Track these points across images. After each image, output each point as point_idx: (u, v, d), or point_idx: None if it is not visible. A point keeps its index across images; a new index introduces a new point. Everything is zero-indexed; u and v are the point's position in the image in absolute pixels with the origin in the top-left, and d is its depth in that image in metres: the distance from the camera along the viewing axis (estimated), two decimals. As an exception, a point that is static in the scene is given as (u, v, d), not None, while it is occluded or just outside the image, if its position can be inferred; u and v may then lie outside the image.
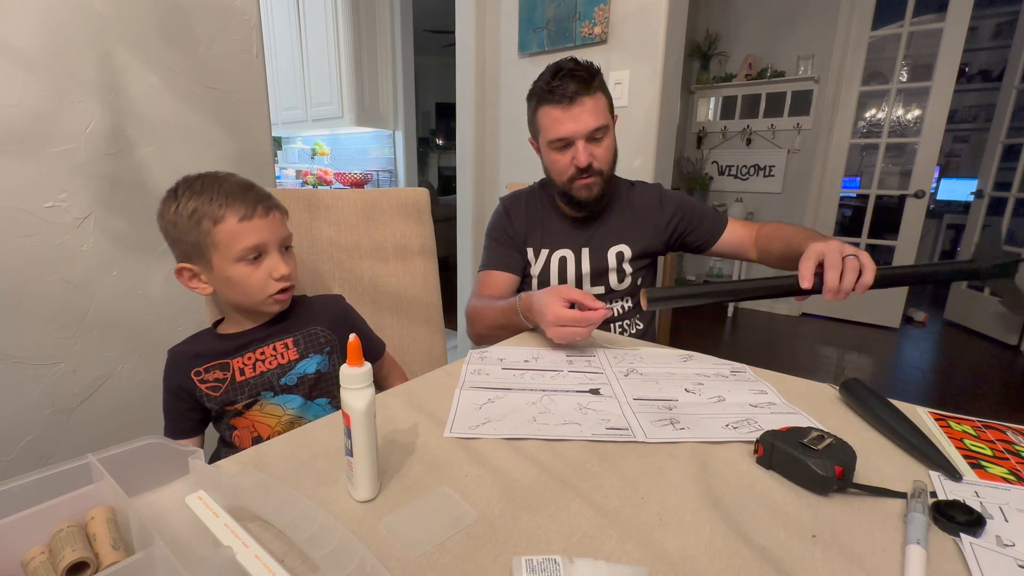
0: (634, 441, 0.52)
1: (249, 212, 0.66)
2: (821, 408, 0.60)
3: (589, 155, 0.94)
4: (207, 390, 0.68)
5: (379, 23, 2.87)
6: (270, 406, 0.70)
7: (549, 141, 0.96)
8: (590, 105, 0.92)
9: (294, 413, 0.71)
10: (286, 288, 0.70)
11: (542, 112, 0.96)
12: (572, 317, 0.73)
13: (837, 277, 0.63)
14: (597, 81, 0.94)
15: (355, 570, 0.31)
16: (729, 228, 1.04)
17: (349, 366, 0.40)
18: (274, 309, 0.71)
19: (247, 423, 0.69)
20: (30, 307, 0.98)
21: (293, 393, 0.71)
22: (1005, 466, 0.48)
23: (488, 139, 2.18)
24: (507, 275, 1.05)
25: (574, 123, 0.92)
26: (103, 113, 1.03)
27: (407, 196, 1.04)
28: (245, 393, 0.68)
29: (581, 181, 0.96)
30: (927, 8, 3.01)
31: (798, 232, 0.90)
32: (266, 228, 0.67)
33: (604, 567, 0.33)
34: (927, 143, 3.07)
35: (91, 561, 0.34)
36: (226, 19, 1.18)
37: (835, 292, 0.64)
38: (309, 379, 0.72)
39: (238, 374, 0.69)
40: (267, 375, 0.70)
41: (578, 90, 0.91)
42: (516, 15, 1.96)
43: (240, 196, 0.66)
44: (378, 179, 3.18)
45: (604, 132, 0.95)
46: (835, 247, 0.66)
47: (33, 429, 1.02)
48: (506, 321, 0.88)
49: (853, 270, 0.63)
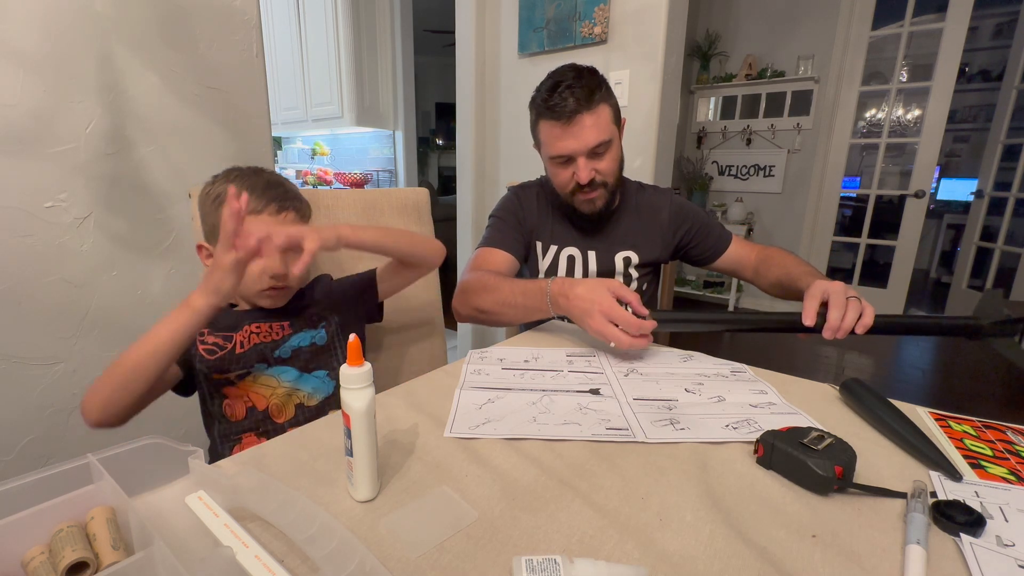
0: (634, 441, 0.52)
1: (259, 208, 0.69)
2: (821, 408, 0.60)
3: (591, 171, 0.92)
4: (203, 351, 0.69)
5: (379, 23, 2.87)
6: (264, 377, 0.71)
7: (550, 157, 0.94)
8: (590, 122, 0.88)
9: (290, 385, 0.73)
10: (277, 287, 0.72)
11: (542, 126, 0.93)
12: (624, 317, 0.68)
13: (840, 317, 0.65)
14: (599, 95, 0.89)
15: (355, 570, 0.31)
16: (731, 246, 1.05)
17: (349, 366, 0.40)
18: (264, 303, 0.73)
19: (240, 393, 0.70)
20: (30, 307, 0.98)
21: (287, 365, 0.73)
22: (1005, 466, 0.48)
23: (488, 139, 2.18)
24: (509, 256, 1.00)
25: (574, 140, 0.89)
26: (103, 113, 1.03)
27: (407, 196, 1.04)
28: (240, 364, 0.70)
29: (583, 196, 0.95)
30: (927, 8, 3.01)
31: (799, 265, 0.90)
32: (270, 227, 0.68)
33: (604, 567, 0.33)
34: (927, 143, 3.07)
35: (91, 561, 0.34)
36: (226, 19, 1.18)
37: (835, 331, 0.65)
38: (304, 352, 0.74)
39: (238, 346, 0.71)
40: (261, 347, 0.72)
41: (578, 107, 0.87)
42: (516, 15, 1.96)
43: (258, 192, 0.70)
44: (378, 179, 3.17)
45: (607, 146, 0.92)
46: (839, 288, 0.68)
47: (33, 429, 1.02)
48: (524, 301, 0.81)
49: (855, 311, 0.65)
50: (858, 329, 0.65)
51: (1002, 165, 3.18)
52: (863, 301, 0.67)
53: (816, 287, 0.69)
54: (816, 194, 3.42)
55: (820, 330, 0.67)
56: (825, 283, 0.70)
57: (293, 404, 0.72)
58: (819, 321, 0.67)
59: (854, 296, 0.67)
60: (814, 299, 0.68)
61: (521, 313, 0.82)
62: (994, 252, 3.19)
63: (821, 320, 0.67)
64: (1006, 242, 3.14)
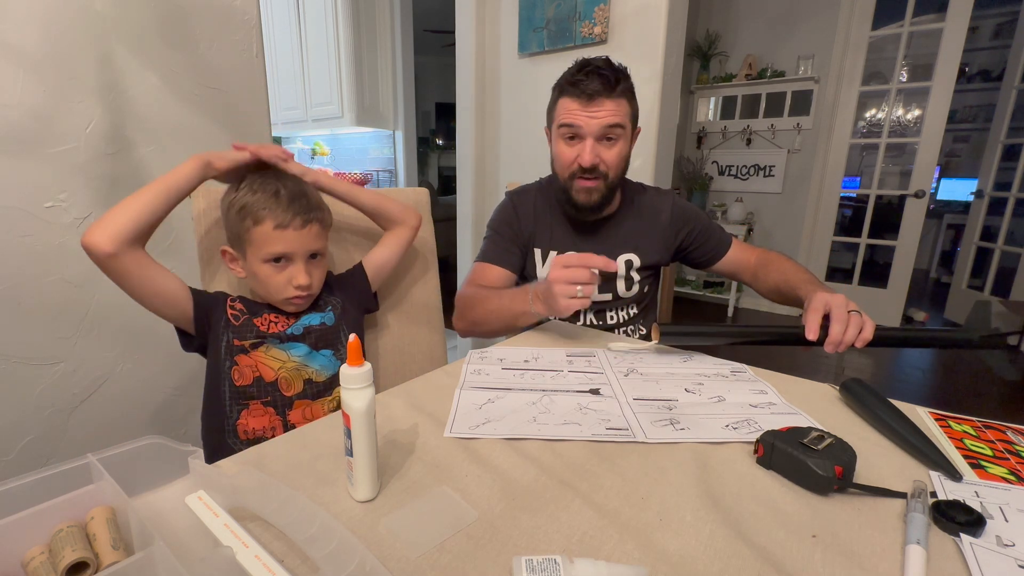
0: (634, 441, 0.52)
1: (285, 222, 0.72)
2: (821, 408, 0.60)
3: (596, 155, 0.91)
4: (231, 316, 0.75)
5: (379, 23, 2.87)
6: (275, 351, 0.75)
7: (559, 126, 0.94)
8: (609, 106, 0.89)
9: (299, 360, 0.75)
10: (302, 296, 0.76)
11: (561, 102, 0.93)
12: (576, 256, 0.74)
13: (842, 331, 0.67)
14: (623, 86, 0.90)
15: (355, 570, 0.31)
16: (731, 249, 1.06)
17: (349, 366, 0.40)
18: (289, 309, 0.78)
19: (250, 362, 0.73)
20: (30, 307, 0.98)
21: (299, 342, 0.76)
22: (1005, 466, 0.48)
23: (488, 139, 2.17)
24: (504, 271, 1.02)
25: (588, 118, 0.90)
26: (103, 113, 1.03)
27: (407, 196, 1.04)
28: (254, 334, 0.74)
29: (582, 181, 0.94)
30: (927, 8, 3.00)
31: (799, 272, 0.91)
32: (296, 240, 0.73)
33: (604, 567, 0.33)
34: (927, 143, 3.07)
35: (91, 561, 0.34)
36: (226, 19, 1.18)
37: (837, 345, 0.67)
38: (314, 329, 0.78)
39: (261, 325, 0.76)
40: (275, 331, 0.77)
41: (600, 89, 0.88)
42: (516, 15, 1.96)
43: (284, 205, 0.72)
44: (378, 179, 3.17)
45: (618, 134, 0.92)
46: (840, 302, 0.69)
47: (33, 429, 1.02)
48: (511, 304, 0.85)
49: (856, 326, 0.67)
50: (858, 343, 0.67)
51: (1002, 165, 3.18)
52: (864, 315, 0.69)
53: (818, 300, 0.70)
54: (816, 194, 3.42)
55: (822, 343, 0.68)
56: (827, 296, 0.71)
57: (302, 379, 0.75)
58: (821, 334, 0.69)
59: (855, 310, 0.69)
60: (817, 312, 0.69)
61: (508, 317, 0.86)
62: (994, 252, 3.19)
63: (823, 333, 0.68)
64: (1006, 242, 3.14)
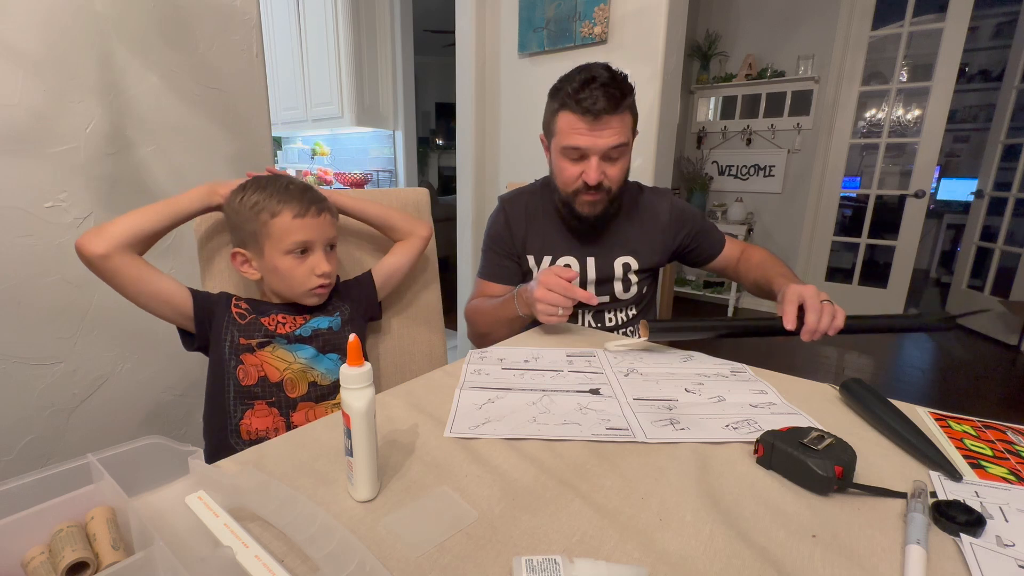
0: (634, 441, 0.52)
1: (303, 211, 0.73)
2: (821, 408, 0.60)
3: (601, 173, 0.90)
4: (236, 315, 0.74)
5: (379, 23, 2.87)
6: (282, 351, 0.75)
7: (563, 147, 0.92)
8: (615, 125, 0.87)
9: (305, 362, 0.76)
10: (325, 284, 0.76)
11: (563, 116, 0.91)
12: (561, 284, 0.78)
13: (817, 320, 0.71)
14: (628, 100, 0.89)
15: (355, 570, 0.31)
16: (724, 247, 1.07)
17: (349, 366, 0.40)
18: (312, 302, 0.78)
19: (256, 361, 0.73)
20: (30, 307, 0.98)
21: (306, 344, 0.76)
22: (1005, 466, 0.48)
23: (488, 139, 2.17)
24: (501, 287, 1.04)
25: (595, 139, 0.88)
26: (103, 113, 1.03)
27: (407, 196, 1.04)
28: (262, 333, 0.74)
29: (586, 197, 0.93)
30: (927, 8, 3.00)
31: (775, 266, 0.96)
32: (315, 227, 0.74)
33: (604, 567, 0.33)
34: (927, 143, 3.07)
35: (91, 561, 0.34)
36: (226, 19, 1.18)
37: (812, 333, 0.71)
38: (322, 332, 0.78)
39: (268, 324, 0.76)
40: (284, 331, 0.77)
41: (607, 107, 0.86)
42: (516, 15, 1.96)
43: (297, 196, 0.73)
44: (378, 179, 3.17)
45: (621, 152, 0.91)
46: (812, 292, 0.73)
47: (33, 429, 1.02)
48: (503, 309, 0.90)
49: (829, 314, 0.71)
50: (831, 331, 0.71)
51: (1002, 165, 3.17)
52: (834, 304, 0.73)
53: (792, 292, 0.74)
54: (816, 194, 3.42)
55: (799, 332, 0.72)
56: (799, 287, 0.74)
57: (307, 381, 0.75)
58: (797, 324, 0.72)
59: (826, 299, 0.73)
60: (792, 304, 0.73)
61: (505, 322, 0.91)
62: (994, 252, 3.19)
63: (800, 323, 0.72)
64: (1006, 242, 3.14)
